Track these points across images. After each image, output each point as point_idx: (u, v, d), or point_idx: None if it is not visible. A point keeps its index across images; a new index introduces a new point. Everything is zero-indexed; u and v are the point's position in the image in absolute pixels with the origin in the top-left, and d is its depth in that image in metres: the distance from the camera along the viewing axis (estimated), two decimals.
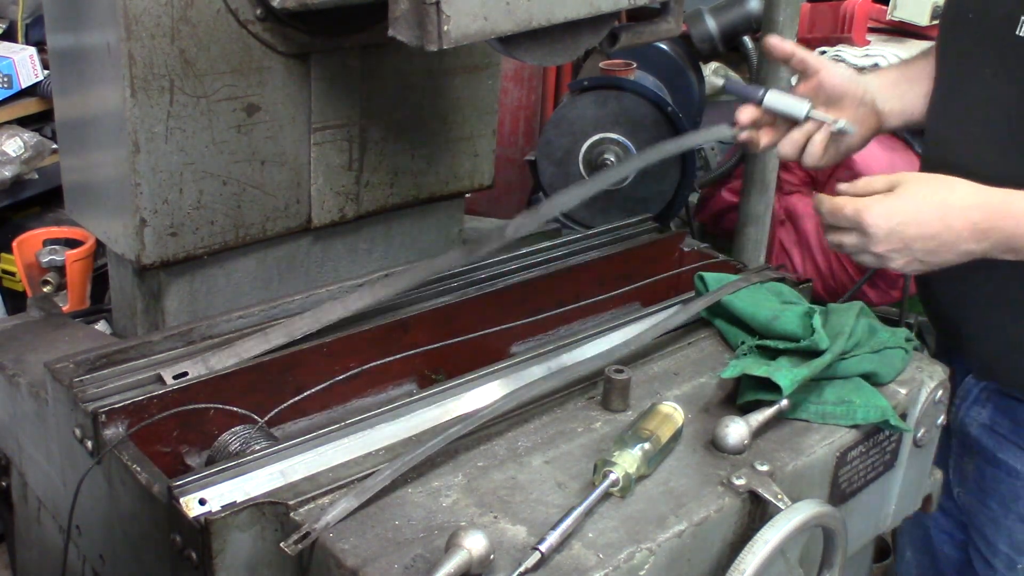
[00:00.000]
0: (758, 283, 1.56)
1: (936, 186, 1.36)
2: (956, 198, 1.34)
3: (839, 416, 1.33)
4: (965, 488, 1.67)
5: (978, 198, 1.34)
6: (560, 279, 1.71)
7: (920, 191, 1.35)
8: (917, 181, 1.38)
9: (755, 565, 1.10)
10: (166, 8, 1.48)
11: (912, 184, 1.36)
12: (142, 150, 1.53)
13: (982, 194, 1.34)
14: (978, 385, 1.61)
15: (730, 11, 3.15)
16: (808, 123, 1.55)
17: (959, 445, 1.66)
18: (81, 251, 2.41)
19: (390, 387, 1.52)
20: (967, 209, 1.33)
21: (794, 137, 1.56)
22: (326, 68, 1.68)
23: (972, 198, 1.34)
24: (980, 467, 1.62)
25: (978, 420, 1.61)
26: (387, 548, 1.06)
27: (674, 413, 1.25)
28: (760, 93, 1.57)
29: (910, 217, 1.33)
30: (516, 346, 1.63)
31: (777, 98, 1.57)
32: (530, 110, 3.44)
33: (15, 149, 2.72)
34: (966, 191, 1.35)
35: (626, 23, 1.77)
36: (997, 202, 1.33)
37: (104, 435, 1.27)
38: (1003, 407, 1.57)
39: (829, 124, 1.54)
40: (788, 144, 1.57)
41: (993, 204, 1.33)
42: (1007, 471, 1.57)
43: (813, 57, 1.61)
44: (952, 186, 1.36)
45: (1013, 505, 1.57)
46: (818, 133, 1.55)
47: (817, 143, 1.55)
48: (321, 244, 1.84)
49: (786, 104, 1.56)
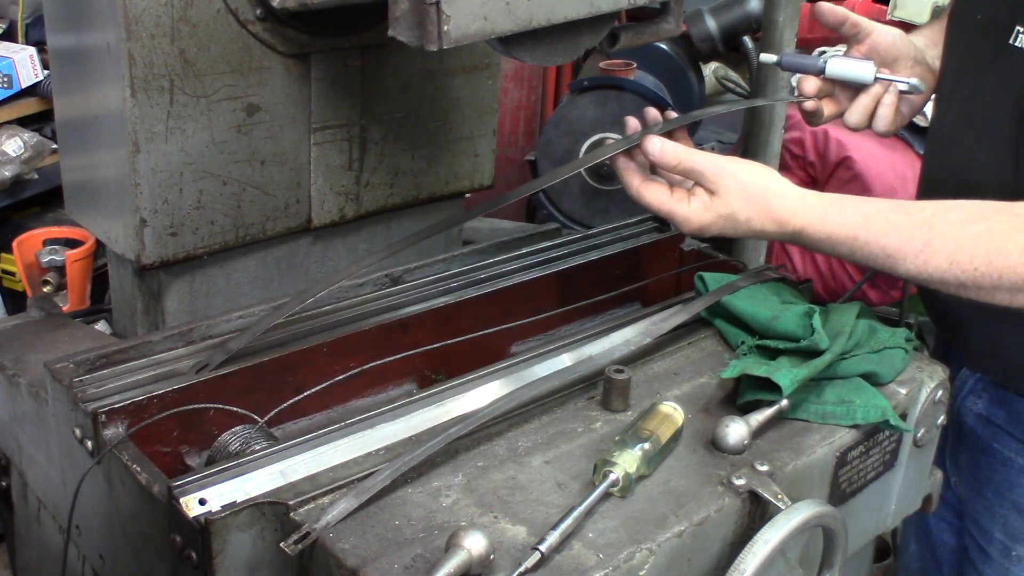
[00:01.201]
0: (758, 283, 1.56)
1: (755, 206, 1.33)
2: (770, 219, 1.32)
3: (839, 416, 1.33)
4: (961, 478, 1.67)
5: (794, 222, 1.31)
6: (560, 279, 1.71)
7: (737, 207, 1.33)
8: (735, 194, 1.33)
9: (755, 565, 1.10)
10: (166, 8, 1.48)
11: (730, 198, 1.33)
12: (142, 150, 1.53)
13: (798, 218, 1.31)
14: (973, 376, 1.61)
15: (730, 11, 3.15)
16: (875, 86, 1.50)
17: (955, 435, 1.66)
18: (81, 251, 2.42)
19: (390, 387, 1.52)
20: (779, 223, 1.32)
21: (863, 103, 1.52)
22: (326, 68, 1.68)
23: (788, 220, 1.32)
24: (975, 456, 1.63)
25: (973, 410, 1.61)
26: (387, 548, 1.06)
27: (674, 413, 1.25)
28: (821, 63, 1.52)
29: (718, 226, 1.34)
30: (516, 346, 1.63)
31: (840, 64, 1.50)
32: (530, 110, 3.44)
33: (15, 149, 2.72)
34: (781, 211, 1.32)
35: (626, 23, 1.77)
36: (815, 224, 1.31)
37: (104, 435, 1.27)
38: (998, 398, 1.58)
39: (899, 84, 1.48)
40: (857, 112, 1.53)
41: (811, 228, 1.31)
42: (1002, 460, 1.58)
43: (865, 21, 1.56)
44: (769, 206, 1.32)
45: (1007, 494, 1.58)
46: (887, 95, 1.51)
47: (887, 106, 1.51)
48: (321, 244, 1.85)
49: (851, 69, 1.50)
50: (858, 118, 1.53)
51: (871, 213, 1.29)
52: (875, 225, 1.28)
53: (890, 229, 1.27)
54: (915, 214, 1.28)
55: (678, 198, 1.37)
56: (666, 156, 1.36)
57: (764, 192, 1.32)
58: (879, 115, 1.52)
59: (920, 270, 1.26)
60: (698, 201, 1.35)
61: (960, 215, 1.27)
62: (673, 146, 1.37)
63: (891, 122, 1.53)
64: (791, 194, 1.32)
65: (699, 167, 1.34)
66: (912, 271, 1.27)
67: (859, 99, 1.53)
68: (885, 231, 1.27)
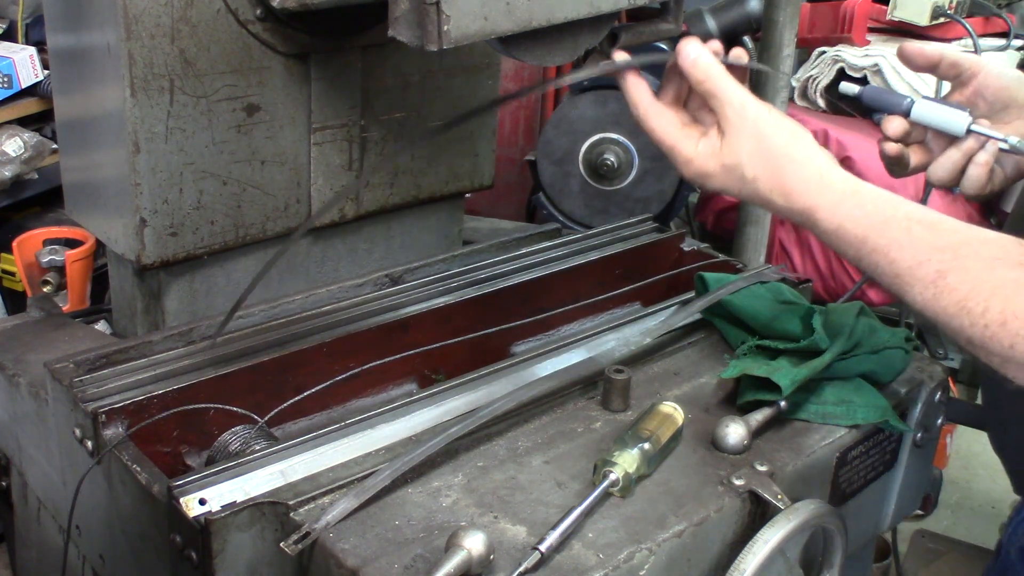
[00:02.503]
0: (758, 283, 1.56)
1: (766, 167, 1.12)
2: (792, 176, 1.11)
3: (839, 416, 1.33)
4: None
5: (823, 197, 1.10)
6: (560, 279, 1.71)
7: (747, 160, 1.12)
8: (749, 143, 1.13)
9: (755, 565, 1.10)
10: (166, 8, 1.48)
11: (741, 146, 1.13)
12: (142, 150, 1.53)
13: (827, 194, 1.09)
14: None
15: (730, 11, 3.15)
16: (969, 139, 1.25)
17: (1000, 569, 1.50)
18: (81, 251, 2.42)
19: (390, 387, 1.52)
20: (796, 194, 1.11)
21: (952, 158, 1.27)
22: (326, 68, 1.68)
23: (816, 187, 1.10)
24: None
25: (1019, 543, 1.46)
26: (387, 548, 1.06)
27: (674, 413, 1.25)
28: (907, 102, 1.29)
29: (720, 179, 1.15)
30: (516, 346, 1.63)
31: (929, 109, 1.27)
32: (530, 110, 3.44)
33: (15, 149, 2.72)
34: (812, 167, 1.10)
35: (626, 23, 1.77)
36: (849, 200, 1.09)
37: (104, 435, 1.27)
38: None
39: (997, 141, 1.23)
40: (943, 166, 1.28)
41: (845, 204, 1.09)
42: None
43: (968, 58, 1.30)
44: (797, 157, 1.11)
45: None
46: (982, 153, 1.25)
47: (980, 165, 1.25)
48: (321, 244, 1.85)
49: (940, 116, 1.26)
50: (943, 174, 1.28)
51: (895, 217, 1.06)
52: (892, 233, 1.05)
53: (907, 243, 1.04)
54: (943, 234, 1.04)
55: (687, 134, 1.17)
56: (697, 67, 1.15)
57: (783, 153, 1.11)
58: (969, 175, 1.27)
59: (927, 305, 1.03)
60: (708, 144, 1.15)
61: (995, 250, 1.02)
62: (712, 60, 1.15)
63: (982, 185, 1.27)
64: (813, 165, 1.11)
65: (723, 95, 1.13)
66: (919, 303, 1.04)
67: (948, 152, 1.27)
68: (900, 244, 1.04)
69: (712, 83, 1.14)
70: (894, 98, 1.30)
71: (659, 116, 1.19)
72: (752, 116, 1.12)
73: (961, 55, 1.31)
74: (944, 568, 2.56)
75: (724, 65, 1.16)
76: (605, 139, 2.53)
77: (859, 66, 2.93)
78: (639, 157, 2.56)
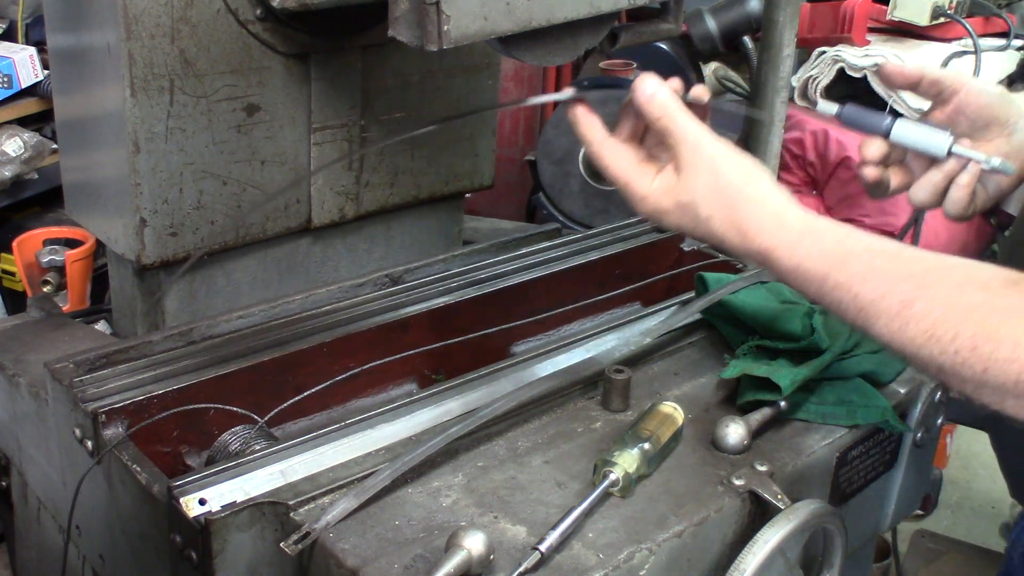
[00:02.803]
0: (758, 283, 1.56)
1: (721, 205, 1.08)
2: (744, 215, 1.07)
3: (839, 416, 1.33)
4: None
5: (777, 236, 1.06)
6: (560, 279, 1.71)
7: (700, 198, 1.09)
8: (704, 180, 1.09)
9: (755, 565, 1.10)
10: (166, 8, 1.48)
11: (696, 184, 1.09)
12: (142, 150, 1.53)
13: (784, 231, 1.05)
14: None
15: (730, 11, 3.15)
16: (951, 161, 1.23)
17: (1005, 574, 1.49)
18: (81, 251, 2.42)
19: (390, 387, 1.52)
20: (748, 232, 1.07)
21: (932, 180, 1.25)
22: (326, 68, 1.68)
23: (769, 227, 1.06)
24: None
25: (1021, 549, 1.46)
26: (387, 548, 1.06)
27: (674, 413, 1.25)
28: (886, 123, 1.25)
29: (675, 217, 1.12)
30: (516, 346, 1.63)
31: (909, 130, 1.24)
32: (530, 110, 3.44)
33: (15, 149, 2.72)
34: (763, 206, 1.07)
35: (626, 23, 1.77)
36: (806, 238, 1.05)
37: (104, 435, 1.27)
38: None
39: (979, 163, 1.21)
40: (924, 188, 1.25)
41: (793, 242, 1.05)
42: None
43: (948, 76, 1.27)
44: (744, 194, 1.08)
45: None
46: (964, 174, 1.23)
47: (962, 187, 1.23)
48: (321, 244, 1.85)
49: (921, 137, 1.24)
50: (924, 196, 1.26)
51: (854, 251, 1.03)
52: (853, 267, 1.02)
53: (870, 276, 1.01)
54: (907, 263, 1.01)
55: (643, 170, 1.13)
56: (653, 104, 1.12)
57: (738, 191, 1.07)
58: (950, 197, 1.24)
59: (894, 337, 0.99)
60: (663, 180, 1.11)
61: (962, 275, 0.99)
62: (669, 97, 1.12)
63: (964, 207, 1.25)
64: (769, 205, 1.07)
65: (679, 131, 1.10)
66: (886, 335, 0.99)
67: (929, 174, 1.25)
68: (863, 277, 1.01)
69: (668, 120, 1.11)
70: (873, 118, 1.27)
71: (612, 152, 1.16)
72: (708, 153, 1.09)
73: (942, 72, 1.28)
74: (944, 568, 2.56)
75: (685, 103, 1.14)
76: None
77: (859, 66, 2.92)
78: None
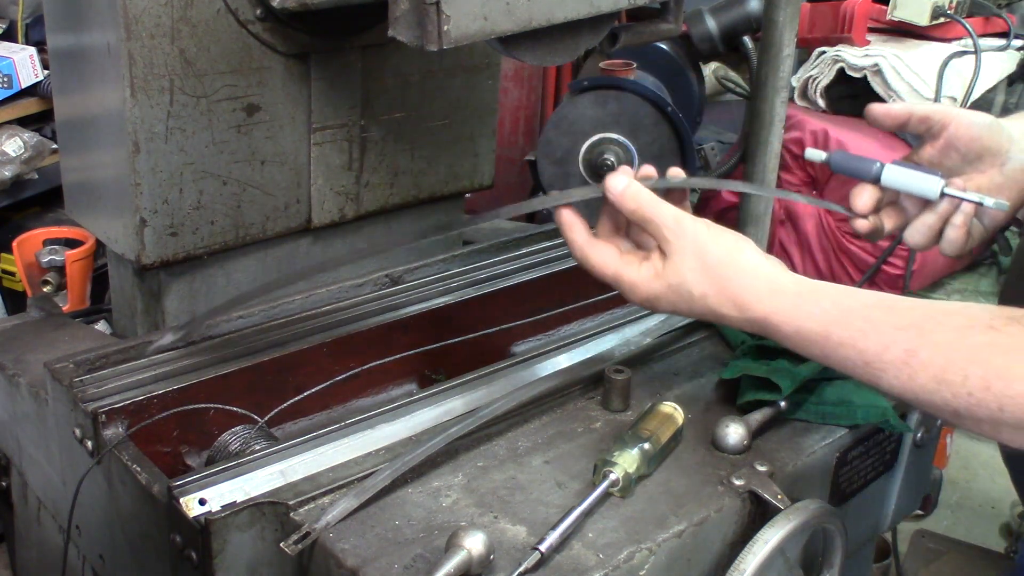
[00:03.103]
0: None
1: (712, 282, 1.11)
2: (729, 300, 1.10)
3: (839, 416, 1.33)
4: None
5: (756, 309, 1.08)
6: (560, 279, 1.71)
7: (691, 278, 1.11)
8: (691, 261, 1.12)
9: (755, 565, 1.10)
10: (166, 8, 1.48)
11: (684, 265, 1.12)
12: (142, 150, 1.53)
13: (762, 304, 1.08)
14: None
15: (730, 11, 3.14)
16: (944, 202, 1.23)
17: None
18: (81, 251, 2.42)
19: (390, 387, 1.52)
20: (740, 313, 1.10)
21: (927, 222, 1.25)
22: (326, 68, 1.68)
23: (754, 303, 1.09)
24: None
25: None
26: (387, 548, 1.06)
27: (674, 413, 1.25)
28: (875, 168, 1.25)
29: (668, 300, 1.14)
30: (516, 346, 1.63)
31: (899, 175, 1.23)
32: (530, 110, 3.44)
33: (15, 149, 2.72)
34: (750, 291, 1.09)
35: (626, 23, 1.77)
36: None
37: (104, 435, 1.27)
38: None
39: (974, 203, 1.21)
40: (919, 231, 1.26)
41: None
42: None
43: (937, 111, 1.26)
44: (736, 281, 1.10)
45: None
46: (958, 214, 1.23)
47: (957, 227, 1.23)
48: (321, 244, 1.84)
49: (912, 182, 1.23)
50: (920, 239, 1.26)
51: (852, 308, 1.05)
52: (854, 324, 1.03)
53: (870, 330, 1.02)
54: (903, 313, 1.03)
55: (627, 260, 1.16)
56: (625, 198, 1.16)
57: (727, 265, 1.10)
58: (946, 237, 1.25)
59: (905, 387, 1.00)
60: (650, 266, 1.14)
61: (961, 320, 1.00)
62: (639, 188, 1.16)
63: (960, 245, 1.25)
64: (761, 274, 1.10)
65: (657, 219, 1.13)
66: (896, 387, 1.01)
67: (923, 216, 1.25)
68: (864, 332, 1.03)
69: (644, 210, 1.14)
70: (863, 164, 1.26)
71: (595, 250, 1.18)
72: (690, 232, 1.12)
73: (930, 108, 1.27)
74: (944, 568, 2.55)
75: (658, 190, 1.17)
76: (605, 139, 2.52)
77: (859, 66, 2.93)
78: (639, 157, 2.56)
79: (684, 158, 2.50)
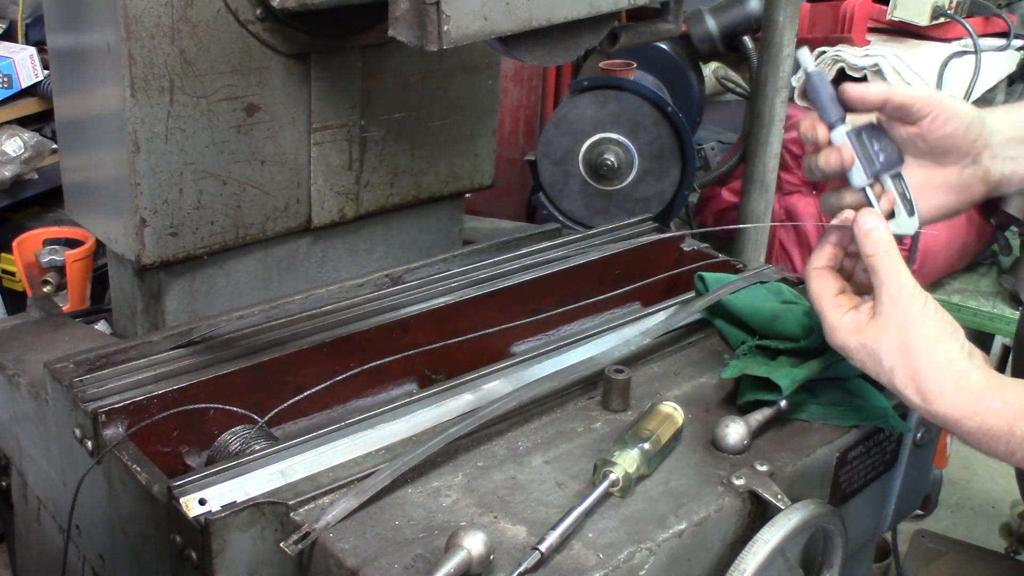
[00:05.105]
0: (758, 283, 1.56)
1: (904, 360, 1.12)
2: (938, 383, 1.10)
3: (839, 416, 1.33)
4: None
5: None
6: (560, 279, 1.71)
7: (886, 348, 1.13)
8: (892, 333, 1.13)
9: (755, 565, 1.10)
10: (166, 8, 1.48)
11: (884, 333, 1.13)
12: (142, 150, 1.53)
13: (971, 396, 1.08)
14: None
15: (730, 11, 3.15)
16: (857, 192, 1.26)
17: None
18: (81, 251, 2.42)
19: (390, 387, 1.52)
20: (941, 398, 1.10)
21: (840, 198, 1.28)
22: (326, 68, 1.68)
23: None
24: None
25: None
26: (387, 548, 1.06)
27: (674, 413, 1.25)
28: (834, 120, 1.26)
29: (859, 357, 1.17)
30: (516, 346, 1.63)
31: (846, 146, 1.25)
32: (530, 110, 3.44)
33: (15, 149, 2.72)
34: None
35: (626, 23, 1.77)
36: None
37: (104, 435, 1.27)
38: None
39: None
40: (812, 172, 1.29)
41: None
42: None
43: (919, 102, 1.23)
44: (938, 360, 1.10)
45: None
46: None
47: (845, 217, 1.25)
48: (321, 244, 1.85)
49: (850, 163, 1.25)
50: (813, 177, 1.30)
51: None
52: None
53: None
54: None
55: (839, 303, 1.18)
56: (867, 241, 1.16)
57: (923, 354, 1.10)
58: (828, 201, 1.31)
59: None
60: (853, 318, 1.16)
61: None
62: (882, 237, 1.16)
63: (831, 207, 1.29)
64: (951, 370, 1.09)
65: (884, 275, 1.14)
66: None
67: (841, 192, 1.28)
68: None
69: (878, 260, 1.15)
70: (830, 108, 1.26)
71: (819, 279, 1.23)
72: (904, 305, 1.12)
73: (910, 97, 1.23)
74: (944, 568, 2.55)
75: None
76: (605, 139, 2.53)
77: (859, 66, 2.92)
78: (639, 157, 2.56)
79: (684, 158, 2.50)
